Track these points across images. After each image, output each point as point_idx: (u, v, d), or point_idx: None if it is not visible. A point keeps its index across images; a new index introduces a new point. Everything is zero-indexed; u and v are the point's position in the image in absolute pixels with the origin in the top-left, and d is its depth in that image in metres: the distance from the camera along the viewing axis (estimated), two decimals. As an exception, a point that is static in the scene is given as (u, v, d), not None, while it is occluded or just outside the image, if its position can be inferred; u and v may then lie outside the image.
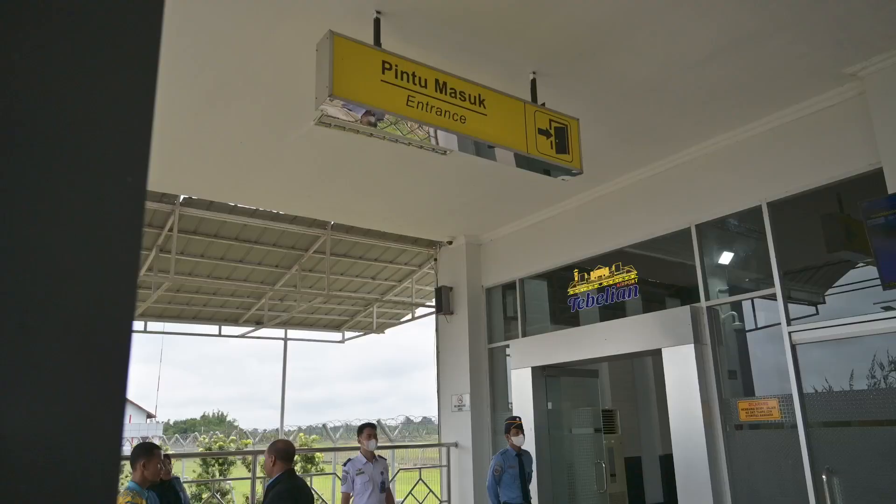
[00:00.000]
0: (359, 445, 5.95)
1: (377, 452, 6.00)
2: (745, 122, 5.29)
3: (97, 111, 0.52)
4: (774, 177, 5.16)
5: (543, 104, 4.33)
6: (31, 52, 0.48)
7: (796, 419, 4.75)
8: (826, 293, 5.20)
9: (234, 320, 10.82)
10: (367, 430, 5.95)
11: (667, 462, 7.73)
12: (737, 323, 5.67)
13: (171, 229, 7.32)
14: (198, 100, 4.68)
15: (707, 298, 5.57)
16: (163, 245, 7.80)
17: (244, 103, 4.75)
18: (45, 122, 0.48)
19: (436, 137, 3.88)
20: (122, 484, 5.29)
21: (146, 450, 4.07)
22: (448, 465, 7.62)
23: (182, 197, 7.03)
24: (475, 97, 3.90)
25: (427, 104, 3.65)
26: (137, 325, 10.06)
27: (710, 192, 5.64)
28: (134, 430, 42.08)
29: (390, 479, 6.57)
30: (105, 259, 0.51)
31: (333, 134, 5.19)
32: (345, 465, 5.88)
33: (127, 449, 4.59)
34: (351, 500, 5.72)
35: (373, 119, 3.59)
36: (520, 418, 6.09)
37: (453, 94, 3.79)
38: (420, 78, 3.65)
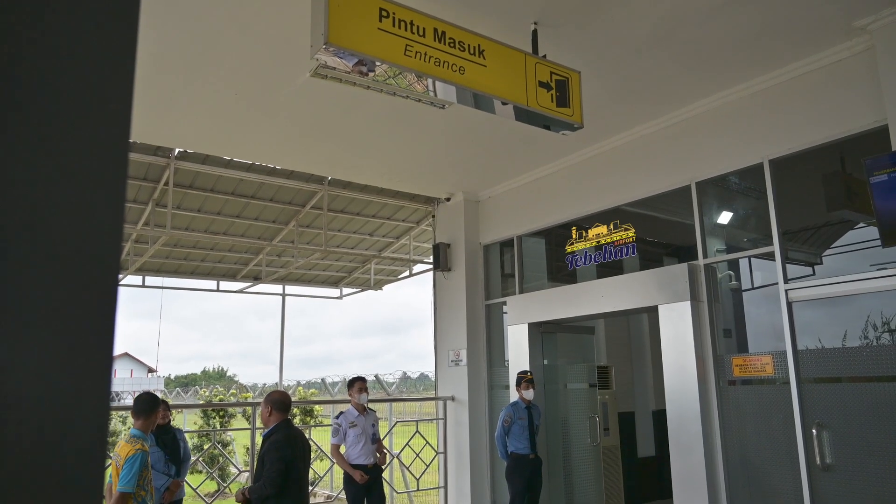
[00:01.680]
0: (350, 399, 6.05)
1: (370, 405, 6.10)
2: (749, 77, 5.20)
3: (79, 57, 0.50)
4: (777, 134, 5.09)
5: (544, 56, 4.23)
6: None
7: (789, 375, 4.80)
8: (823, 254, 5.20)
9: (231, 276, 10.84)
10: (358, 383, 6.04)
11: (659, 417, 7.86)
12: (733, 282, 5.68)
13: (166, 183, 7.25)
14: (190, 50, 4.57)
15: (705, 256, 5.56)
16: (158, 199, 7.75)
17: (237, 55, 4.65)
18: (27, 67, 0.46)
19: (434, 89, 3.80)
20: (125, 432, 5.36)
21: (147, 403, 4.12)
22: (444, 419, 7.74)
23: (177, 151, 6.95)
24: (475, 48, 3.80)
25: (425, 54, 3.57)
26: (135, 279, 10.08)
27: (712, 150, 5.57)
28: (136, 385, 42.72)
29: (387, 432, 6.69)
30: (90, 201, 0.50)
31: (329, 87, 5.09)
32: (336, 417, 5.98)
33: (129, 401, 4.63)
34: (342, 450, 5.84)
35: (364, 69, 3.51)
36: (531, 373, 6.20)
37: (452, 44, 3.70)
38: (418, 27, 3.56)
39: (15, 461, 0.46)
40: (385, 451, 6.09)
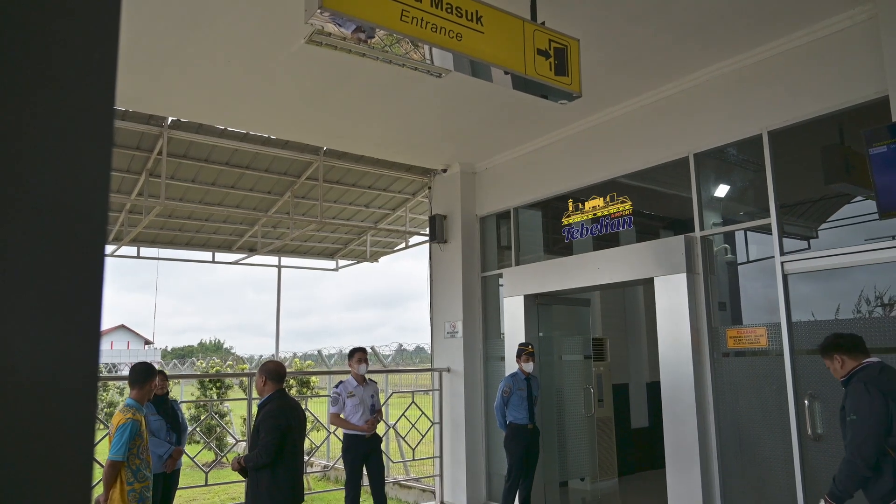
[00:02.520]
0: (350, 370, 6.08)
1: (368, 376, 6.13)
2: (749, 47, 5.13)
3: (62, 15, 0.48)
4: (777, 105, 5.04)
5: (543, 23, 4.16)
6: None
7: (783, 347, 4.83)
8: (819, 227, 5.19)
9: (227, 247, 10.81)
10: (358, 354, 6.07)
11: (653, 389, 7.93)
12: (729, 255, 5.69)
13: (159, 153, 7.18)
14: (181, 14, 4.47)
15: (702, 228, 5.55)
16: (152, 169, 7.68)
17: (230, 19, 4.55)
18: (8, 29, 0.46)
19: (430, 56, 3.74)
20: (122, 402, 5.37)
21: (142, 373, 4.13)
22: (440, 389, 7.79)
23: (170, 119, 6.86)
24: (472, 13, 3.73)
25: (422, 19, 3.50)
26: (130, 250, 10.04)
27: (711, 121, 5.53)
28: (132, 356, 42.88)
29: (383, 402, 6.73)
30: (75, 164, 0.49)
31: (324, 54, 5.01)
32: (336, 386, 6.03)
33: (126, 373, 4.64)
34: (342, 417, 5.88)
35: (363, 36, 3.44)
36: (532, 346, 6.24)
37: (449, 10, 3.62)
38: (415, -9, 3.48)
39: (3, 431, 0.45)
40: (380, 419, 6.13)
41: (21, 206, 0.46)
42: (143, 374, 4.14)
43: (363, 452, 5.82)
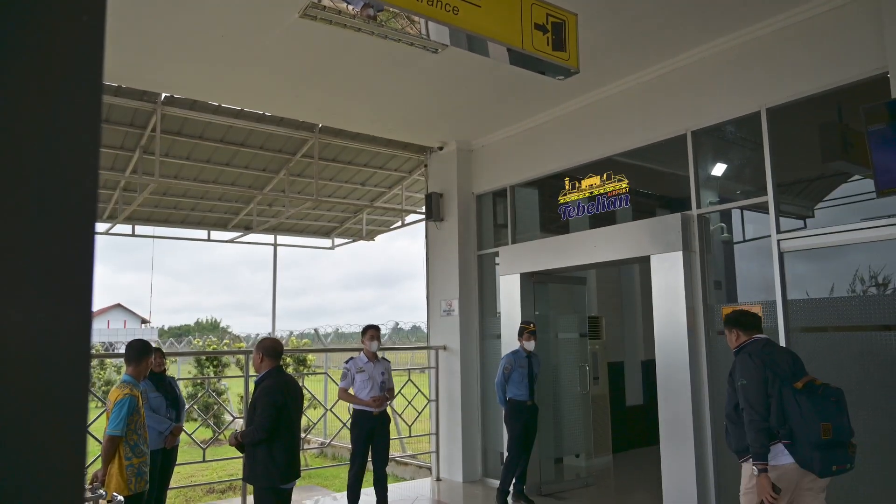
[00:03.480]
0: (363, 346, 6.08)
1: (381, 355, 6.14)
2: (750, 23, 5.07)
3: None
4: (776, 81, 5.01)
5: (541, -3, 4.10)
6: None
7: (778, 324, 4.85)
8: (816, 207, 5.18)
9: (222, 225, 10.76)
10: (371, 331, 6.09)
11: (648, 367, 7.99)
12: (725, 234, 5.68)
13: (153, 130, 7.10)
14: (174, -14, 4.40)
15: (699, 207, 5.54)
16: (146, 146, 7.60)
17: (224, -9, 4.48)
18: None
19: (427, 31, 3.68)
20: (118, 379, 5.36)
21: (139, 350, 4.13)
22: (436, 367, 7.82)
23: (164, 96, 6.78)
24: (469, -13, 3.67)
25: (418, -8, 3.44)
26: (125, 228, 10.00)
27: (709, 98, 5.49)
28: (129, 335, 42.94)
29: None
30: (62, 135, 0.49)
31: (319, 29, 4.94)
32: (346, 362, 6.04)
33: (123, 350, 4.63)
34: (350, 392, 5.89)
35: (372, 11, 3.40)
36: (534, 324, 6.25)
37: (446, -17, 3.56)
38: (410, -37, 3.42)
39: None
40: (390, 397, 6.12)
41: (7, 179, 0.46)
42: (139, 351, 4.13)
43: (369, 429, 5.84)
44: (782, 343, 4.79)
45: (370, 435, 5.84)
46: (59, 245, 0.48)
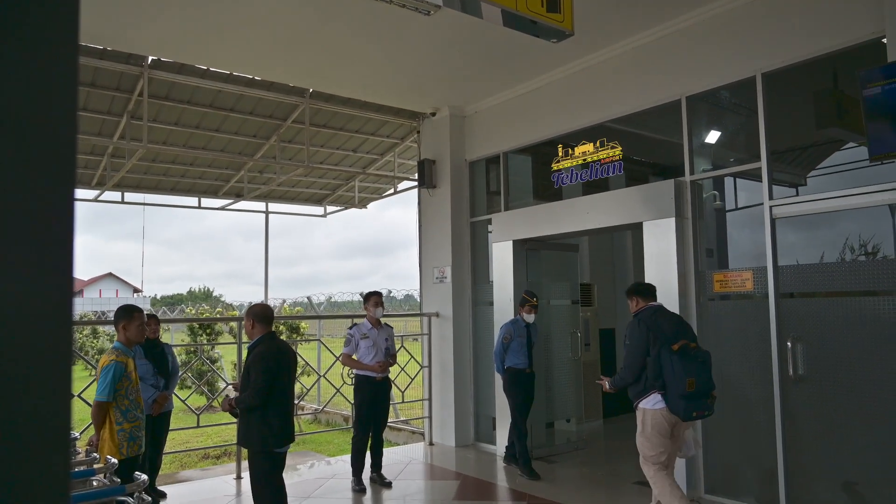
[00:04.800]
0: (355, 314, 6.09)
1: (383, 321, 6.16)
2: (747, -16, 4.99)
3: None
4: (772, 45, 4.95)
5: (535, -44, 4.01)
6: None
7: (768, 290, 4.88)
8: (808, 175, 5.18)
9: (213, 192, 10.67)
10: (374, 297, 6.10)
11: (639, 333, 8.04)
12: (718, 202, 5.68)
13: (140, 94, 6.98)
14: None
15: (692, 173, 5.52)
16: (133, 111, 7.48)
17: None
18: None
19: (418, -10, 3.60)
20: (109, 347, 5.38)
21: (125, 312, 4.11)
22: (429, 334, 7.86)
23: (150, 59, 6.64)
24: (462, -56, 3.58)
25: (409, -50, 3.35)
26: (114, 195, 9.90)
27: (704, 62, 5.43)
28: (121, 304, 42.87)
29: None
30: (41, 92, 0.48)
31: (309, -12, 4.82)
32: (350, 328, 6.06)
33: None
34: (354, 358, 5.93)
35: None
36: (537, 298, 6.24)
37: (438, -60, 3.48)
38: (401, -81, 3.32)
39: None
40: (393, 362, 6.17)
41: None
42: (123, 312, 4.12)
43: (372, 394, 5.88)
44: (772, 307, 4.84)
45: (374, 400, 5.89)
46: (38, 209, 0.47)
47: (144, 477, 2.71)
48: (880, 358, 4.32)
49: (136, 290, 57.79)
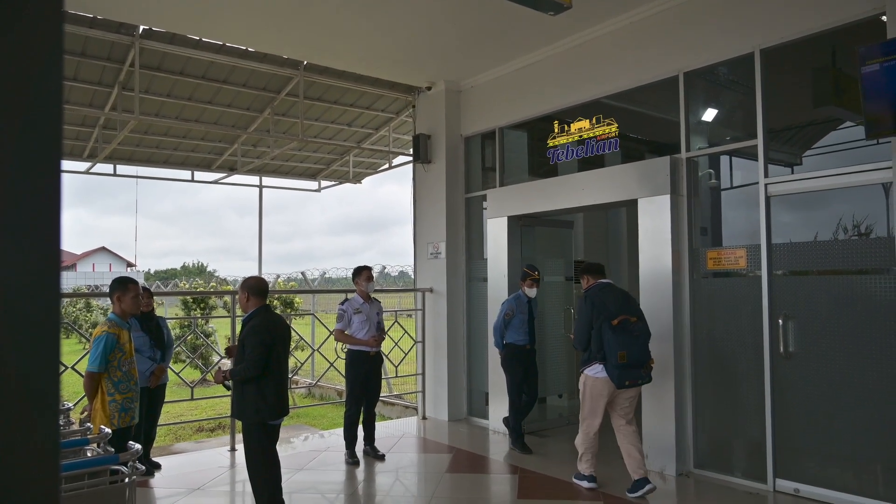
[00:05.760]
0: (350, 288, 6.08)
1: (372, 295, 6.15)
2: (748, -42, 4.92)
3: None
4: (771, 21, 4.90)
5: (534, -74, 3.94)
6: None
7: (761, 268, 4.89)
8: (804, 154, 5.17)
9: (206, 166, 10.58)
10: (366, 272, 6.09)
11: (632, 310, 8.07)
12: (713, 181, 5.67)
13: (132, 65, 6.88)
14: None
15: (688, 150, 5.50)
16: (125, 82, 7.38)
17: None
18: None
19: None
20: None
21: (120, 283, 4.10)
22: (423, 309, 7.88)
23: (141, 28, 6.53)
24: (459, -88, 3.51)
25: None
26: (106, 167, 9.81)
27: (702, 38, 5.38)
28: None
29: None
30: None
31: (303, -44, 4.73)
32: (342, 303, 6.04)
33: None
34: (347, 333, 5.93)
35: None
36: (538, 272, 6.22)
37: None
38: None
39: None
40: (384, 336, 6.18)
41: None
42: (116, 283, 4.11)
43: (366, 369, 5.90)
44: (765, 285, 4.86)
45: (367, 375, 5.91)
46: (24, 178, 0.47)
47: (138, 446, 2.71)
48: (870, 335, 4.35)
49: (129, 265, 57.59)
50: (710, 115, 5.77)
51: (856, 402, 4.43)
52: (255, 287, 4.21)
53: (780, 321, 4.76)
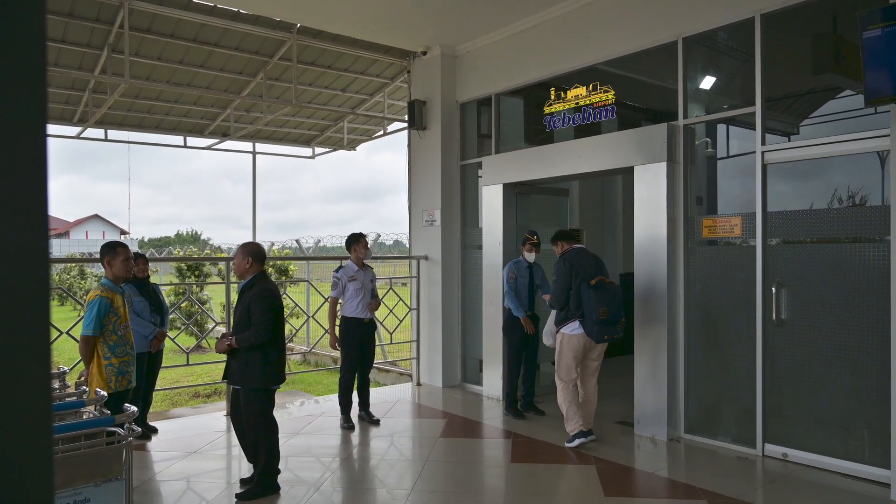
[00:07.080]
0: (346, 256, 6.05)
1: (365, 262, 6.14)
2: (751, -81, 4.82)
3: None
4: (773, -15, 4.82)
5: None
6: None
7: (756, 236, 4.90)
8: (801, 123, 5.13)
9: (199, 131, 10.46)
10: (363, 239, 6.05)
11: (627, 280, 8.10)
12: (709, 150, 5.64)
13: (121, 26, 6.74)
14: None
15: (685, 117, 5.46)
16: (114, 44, 7.24)
17: None
18: None
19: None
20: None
21: (109, 247, 4.08)
22: (418, 277, 7.89)
23: (130, -12, 6.38)
24: None
25: None
26: (97, 132, 9.68)
27: (702, 3, 5.29)
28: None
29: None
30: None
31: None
32: (336, 271, 6.01)
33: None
34: (340, 304, 5.94)
35: None
36: (537, 236, 6.20)
37: None
38: None
39: None
40: (378, 304, 6.19)
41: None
42: (106, 247, 4.09)
43: (360, 336, 5.92)
44: (759, 253, 4.88)
45: (361, 342, 5.93)
46: (8, 141, 0.47)
47: (134, 408, 2.72)
48: (861, 303, 4.39)
49: (123, 232, 57.32)
50: (708, 82, 5.71)
51: (845, 369, 4.48)
52: (257, 252, 4.20)
53: (773, 289, 4.79)
